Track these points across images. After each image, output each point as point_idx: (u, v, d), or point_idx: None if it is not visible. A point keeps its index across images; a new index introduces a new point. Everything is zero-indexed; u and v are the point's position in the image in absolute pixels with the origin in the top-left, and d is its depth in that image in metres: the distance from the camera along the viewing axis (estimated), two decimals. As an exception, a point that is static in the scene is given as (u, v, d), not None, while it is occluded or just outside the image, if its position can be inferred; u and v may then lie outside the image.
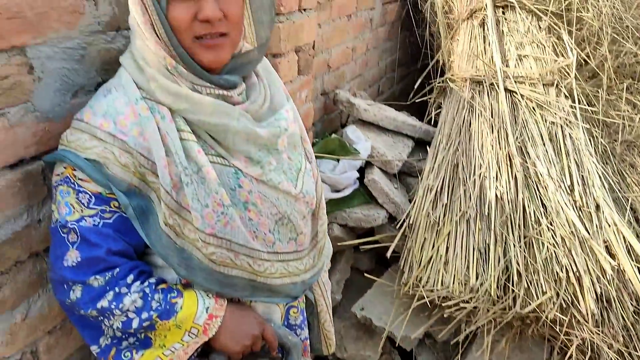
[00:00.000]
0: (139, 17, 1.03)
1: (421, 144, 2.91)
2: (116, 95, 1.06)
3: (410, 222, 2.38)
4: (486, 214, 2.28)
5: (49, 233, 1.23)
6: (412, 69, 4.09)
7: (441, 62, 3.20)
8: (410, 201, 2.58)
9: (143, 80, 1.06)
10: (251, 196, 1.13)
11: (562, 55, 2.73)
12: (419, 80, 3.21)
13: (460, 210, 2.32)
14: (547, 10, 2.81)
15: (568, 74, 2.65)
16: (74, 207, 1.04)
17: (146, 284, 1.09)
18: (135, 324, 1.06)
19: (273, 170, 1.16)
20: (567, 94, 2.60)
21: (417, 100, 3.18)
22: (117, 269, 1.05)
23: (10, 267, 1.15)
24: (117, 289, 1.05)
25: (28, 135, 1.13)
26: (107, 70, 1.29)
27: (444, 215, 2.34)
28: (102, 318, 1.06)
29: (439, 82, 3.01)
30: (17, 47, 1.06)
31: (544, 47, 2.72)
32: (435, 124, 2.88)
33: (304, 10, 2.03)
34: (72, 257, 1.03)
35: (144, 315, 1.06)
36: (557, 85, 2.60)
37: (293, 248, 1.23)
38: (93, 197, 1.04)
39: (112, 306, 1.04)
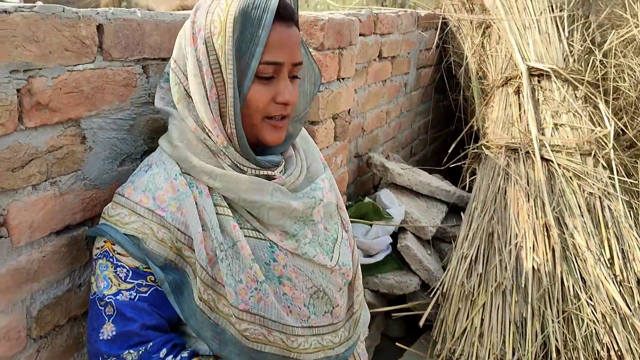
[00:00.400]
0: (203, 92, 1.04)
1: (455, 209, 2.89)
2: (156, 171, 1.08)
3: (444, 290, 2.34)
4: (523, 285, 2.22)
5: (88, 297, 1.25)
6: (446, 131, 4.11)
7: (475, 127, 3.21)
8: (444, 268, 2.54)
9: (180, 159, 1.08)
10: (286, 270, 1.12)
11: (599, 125, 2.71)
12: (453, 145, 3.21)
13: (495, 280, 2.27)
14: (583, 79, 2.81)
15: (606, 144, 2.62)
16: (111, 280, 1.05)
17: (179, 358, 1.07)
18: None
19: (308, 243, 1.16)
20: (605, 164, 2.56)
21: (450, 166, 3.18)
22: (151, 343, 1.04)
23: (49, 331, 1.16)
24: None
25: (76, 202, 1.16)
26: (153, 139, 1.33)
27: (479, 285, 2.29)
28: None
29: (473, 148, 3.01)
30: (73, 119, 1.11)
31: (581, 116, 2.71)
32: (470, 190, 2.86)
33: (343, 79, 2.07)
34: (108, 330, 1.03)
35: None
36: (594, 155, 2.57)
37: (328, 321, 1.20)
38: (130, 271, 1.05)
39: None
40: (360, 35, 2.46)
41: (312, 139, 1.34)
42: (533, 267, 2.25)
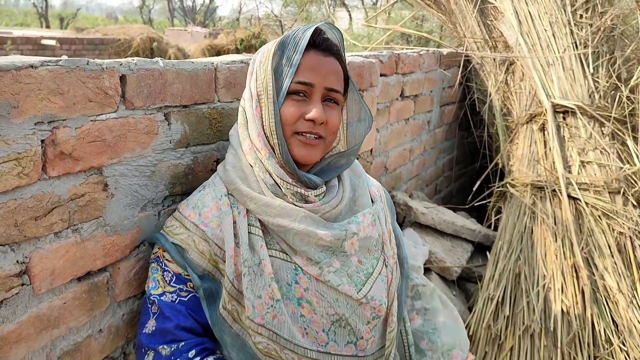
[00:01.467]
0: (250, 110, 1.20)
1: (481, 248, 2.84)
2: (207, 192, 1.23)
3: (470, 333, 2.28)
4: (552, 329, 2.15)
5: (107, 343, 1.26)
6: (470, 168, 4.08)
7: (500, 164, 3.18)
8: (469, 310, 2.48)
9: (227, 181, 1.22)
10: (306, 294, 1.17)
11: (628, 162, 2.66)
12: (478, 183, 3.18)
13: (523, 323, 2.21)
14: (610, 116, 2.77)
15: (635, 181, 2.56)
16: (159, 282, 1.18)
17: None
18: None
19: (334, 272, 1.19)
20: (635, 203, 2.50)
21: (475, 204, 3.14)
22: (183, 343, 1.14)
23: (68, 378, 1.16)
24: None
25: (97, 248, 1.18)
26: (174, 185, 1.34)
27: (506, 328, 2.23)
28: None
29: (498, 186, 2.97)
30: (95, 167, 1.13)
31: (608, 153, 2.66)
32: (496, 228, 2.82)
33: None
34: (150, 325, 1.16)
35: None
36: (623, 193, 2.51)
37: (352, 352, 1.21)
38: (174, 276, 1.18)
39: None
40: (381, 75, 2.47)
41: (365, 175, 1.41)
42: (562, 310, 2.19)
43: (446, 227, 2.77)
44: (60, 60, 1.03)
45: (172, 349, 1.13)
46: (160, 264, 1.19)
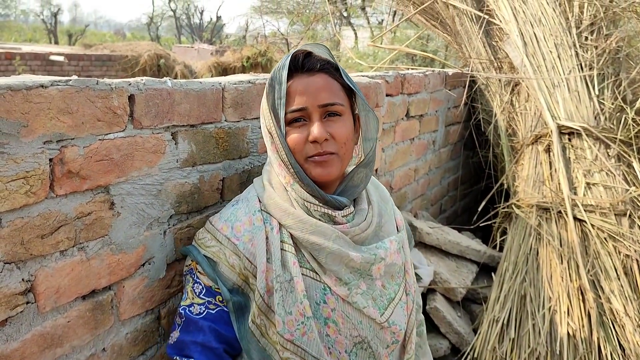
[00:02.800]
0: (268, 145, 1.24)
1: (486, 269, 2.82)
2: (240, 206, 1.25)
3: (475, 355, 2.26)
4: (558, 352, 2.13)
5: (110, 363, 1.25)
6: (476, 188, 4.07)
7: (505, 185, 3.17)
8: (474, 331, 2.46)
9: (264, 196, 1.24)
10: (333, 314, 1.19)
11: (634, 184, 2.65)
12: (483, 204, 3.17)
13: (529, 346, 2.19)
14: (616, 138, 2.77)
15: (641, 204, 2.55)
16: (189, 294, 1.22)
17: None
18: None
19: (361, 294, 1.21)
20: (642, 225, 2.48)
21: (481, 224, 3.13)
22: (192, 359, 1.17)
23: (70, 398, 1.15)
24: None
25: (102, 267, 1.18)
26: (180, 203, 1.35)
27: (512, 351, 2.21)
28: None
29: (503, 207, 2.96)
30: (102, 186, 1.13)
31: (614, 175, 2.65)
32: (501, 249, 2.80)
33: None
34: (174, 336, 1.21)
35: None
36: (630, 215, 2.50)
37: None
38: (205, 289, 1.20)
39: None
40: (387, 95, 2.49)
41: (392, 202, 1.43)
42: (568, 333, 2.16)
43: (451, 247, 2.76)
44: (70, 80, 1.04)
45: None
46: (193, 276, 1.22)
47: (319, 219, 1.21)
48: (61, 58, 10.64)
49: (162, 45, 20.52)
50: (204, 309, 1.19)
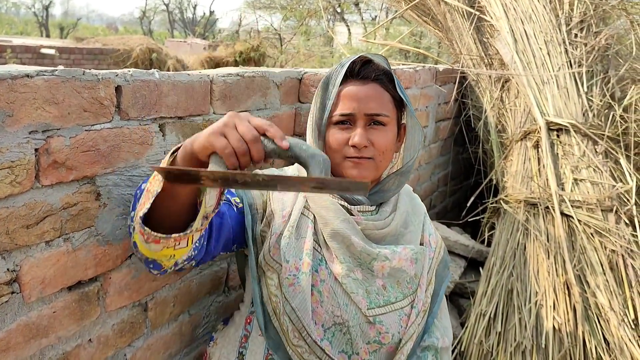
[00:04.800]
0: (309, 134, 1.33)
1: (474, 263, 2.84)
2: (288, 171, 1.36)
3: (462, 349, 2.27)
4: (543, 346, 2.15)
5: (96, 353, 1.25)
6: (465, 184, 4.09)
7: (494, 181, 3.19)
8: (462, 325, 2.48)
9: (298, 170, 1.36)
10: (321, 285, 1.23)
11: (621, 180, 2.67)
12: (472, 199, 3.19)
13: (515, 340, 2.21)
14: (603, 134, 2.79)
15: (628, 200, 2.57)
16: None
17: None
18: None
19: (353, 279, 1.24)
20: (628, 221, 2.51)
21: (469, 219, 3.14)
22: None
23: (55, 388, 1.16)
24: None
25: (89, 258, 1.18)
26: (168, 195, 1.35)
27: (498, 345, 2.23)
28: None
29: (492, 203, 2.98)
30: (88, 177, 1.14)
31: (601, 171, 2.67)
32: (489, 244, 2.82)
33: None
34: None
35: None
36: (616, 211, 2.53)
37: None
38: (229, 193, 1.29)
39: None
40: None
41: (424, 218, 1.46)
42: (554, 327, 2.19)
43: (440, 242, 2.77)
44: (56, 70, 1.04)
45: None
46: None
47: None
48: (52, 51, 10.57)
49: (155, 39, 20.40)
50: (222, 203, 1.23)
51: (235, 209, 1.26)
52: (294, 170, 1.39)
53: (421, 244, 1.40)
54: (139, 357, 1.38)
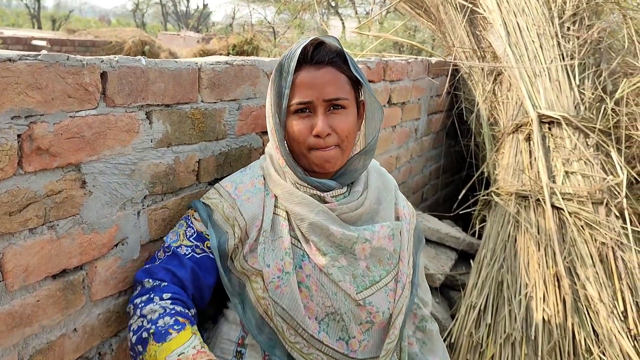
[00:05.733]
0: (269, 126, 1.31)
1: (465, 256, 2.84)
2: (247, 172, 1.37)
3: (452, 340, 2.28)
4: (533, 337, 2.16)
5: (82, 343, 1.24)
6: (457, 177, 4.09)
7: (486, 173, 3.19)
8: (452, 317, 2.49)
9: (264, 166, 1.35)
10: (307, 280, 1.24)
11: (612, 173, 2.67)
12: (464, 191, 3.19)
13: (505, 331, 2.21)
14: (595, 127, 2.79)
15: (618, 192, 2.58)
16: (179, 236, 1.29)
17: (172, 306, 1.17)
18: (138, 334, 1.14)
19: (338, 267, 1.25)
20: (618, 214, 2.51)
21: (461, 212, 3.14)
22: (166, 284, 1.22)
23: (40, 377, 1.15)
24: (152, 295, 1.19)
25: (73, 246, 1.16)
26: (154, 184, 1.34)
27: (488, 336, 2.23)
28: (131, 315, 1.19)
29: (483, 195, 2.98)
30: (73, 164, 1.12)
31: (592, 164, 2.68)
32: (480, 237, 2.82)
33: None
34: (150, 264, 1.27)
35: (148, 327, 1.14)
36: (606, 204, 2.53)
37: (343, 349, 1.25)
38: (196, 233, 1.29)
39: (141, 306, 1.17)
40: (369, 82, 2.48)
41: (399, 193, 1.47)
42: (543, 319, 2.19)
43: (430, 234, 2.77)
44: (40, 54, 1.02)
45: (154, 284, 1.21)
46: (188, 221, 1.31)
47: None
48: (43, 43, 10.47)
49: (148, 32, 20.28)
50: (190, 251, 1.26)
51: (198, 256, 1.28)
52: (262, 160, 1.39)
53: (397, 219, 1.41)
54: (125, 348, 1.37)
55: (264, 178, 1.33)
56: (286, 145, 1.29)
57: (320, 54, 1.26)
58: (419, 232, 1.51)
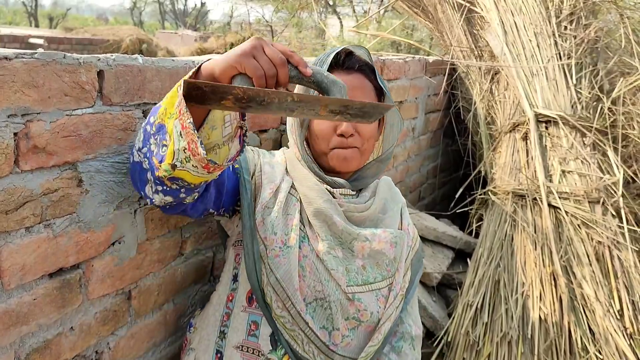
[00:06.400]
0: (288, 123, 1.40)
1: (462, 255, 2.85)
2: (275, 152, 1.44)
3: (449, 339, 2.28)
4: (529, 336, 2.16)
5: (79, 341, 1.24)
6: (454, 176, 4.10)
7: (483, 172, 3.20)
8: (449, 315, 2.49)
9: (286, 151, 1.43)
10: (304, 260, 1.27)
11: (608, 173, 2.68)
12: (461, 190, 3.19)
13: (501, 330, 2.21)
14: (591, 126, 2.80)
15: (615, 192, 2.59)
16: None
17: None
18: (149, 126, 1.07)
19: (334, 257, 1.28)
20: (614, 213, 2.52)
21: (458, 211, 3.15)
22: None
23: (36, 376, 1.14)
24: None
25: (70, 245, 1.16)
26: (152, 182, 1.33)
27: (484, 335, 2.24)
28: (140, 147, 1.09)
29: (480, 194, 2.99)
30: (70, 162, 1.12)
31: (589, 163, 2.68)
32: (477, 235, 2.83)
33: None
34: None
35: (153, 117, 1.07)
36: (603, 203, 2.54)
37: (325, 339, 1.26)
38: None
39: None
40: (366, 80, 2.48)
41: (405, 208, 1.50)
42: (540, 317, 2.20)
43: (427, 233, 2.78)
44: (36, 53, 1.02)
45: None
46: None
47: None
48: (40, 41, 10.44)
49: (146, 30, 20.25)
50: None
51: (231, 168, 1.30)
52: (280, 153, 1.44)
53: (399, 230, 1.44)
54: (122, 346, 1.37)
55: (286, 163, 1.39)
56: (305, 145, 1.37)
57: (351, 61, 1.33)
58: (420, 255, 1.52)
